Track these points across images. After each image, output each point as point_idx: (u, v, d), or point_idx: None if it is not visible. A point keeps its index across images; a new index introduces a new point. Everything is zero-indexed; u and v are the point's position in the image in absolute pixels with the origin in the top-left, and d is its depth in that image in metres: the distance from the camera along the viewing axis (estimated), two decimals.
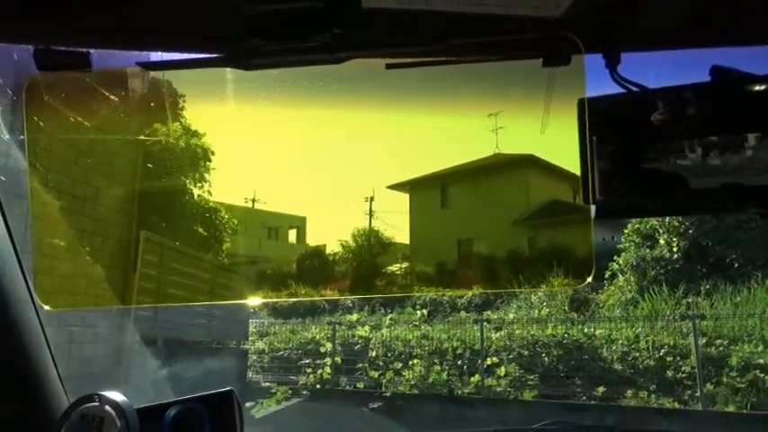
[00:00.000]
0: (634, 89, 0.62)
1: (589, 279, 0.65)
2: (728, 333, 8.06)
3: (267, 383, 9.48)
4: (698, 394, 7.25)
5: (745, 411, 6.78)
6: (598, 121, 0.62)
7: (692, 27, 0.66)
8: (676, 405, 7.24)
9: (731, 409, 6.83)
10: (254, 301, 17.69)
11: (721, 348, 7.78)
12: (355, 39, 0.61)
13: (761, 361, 7.22)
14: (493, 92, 0.65)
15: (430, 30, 0.66)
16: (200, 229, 13.19)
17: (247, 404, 8.28)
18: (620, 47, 0.64)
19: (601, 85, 0.63)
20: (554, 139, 0.71)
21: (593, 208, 0.67)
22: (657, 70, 0.67)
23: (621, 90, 0.62)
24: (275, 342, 11.27)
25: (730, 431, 6.39)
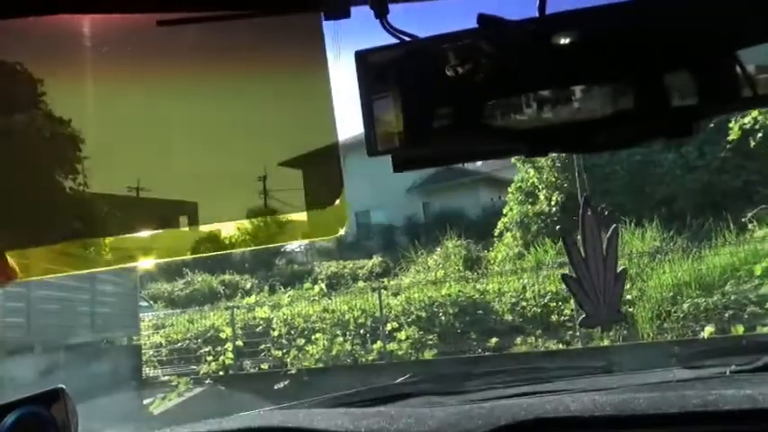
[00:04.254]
0: (408, 39, 0.63)
1: (341, 231, 0.66)
2: None
3: (166, 377, 9.12)
4: (578, 334, 7.93)
5: (617, 344, 7.53)
6: (375, 73, 0.63)
7: None
8: (560, 346, 7.88)
9: (605, 343, 7.55)
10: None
11: None
12: None
13: (628, 297, 8.00)
14: (277, 48, 0.63)
15: None
16: (78, 225, 12.22)
17: (145, 401, 7.94)
18: None
19: (381, 37, 0.64)
20: (343, 94, 0.70)
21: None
22: (428, 20, 0.69)
23: (396, 41, 0.63)
24: (172, 334, 10.82)
25: (605, 362, 7.04)
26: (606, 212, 11.68)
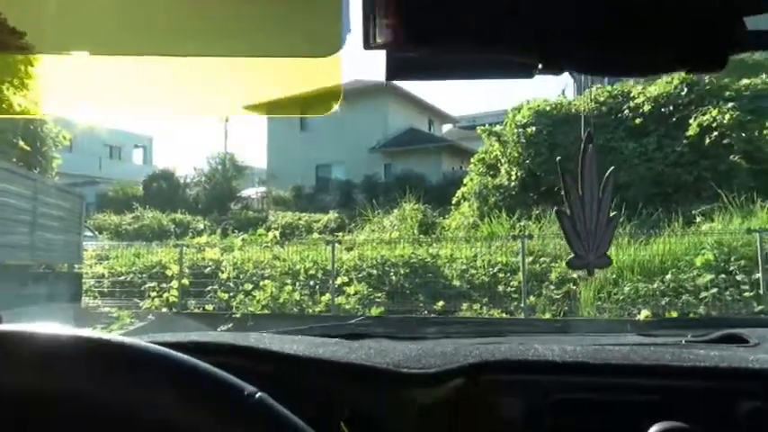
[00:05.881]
0: None
1: (335, 107, 0.59)
2: (551, 251, 9.05)
3: (107, 308, 8.91)
4: (522, 305, 8.15)
5: (558, 318, 7.77)
6: None
7: None
8: (503, 315, 8.09)
9: (547, 316, 7.79)
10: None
11: (544, 265, 8.75)
12: None
13: (575, 275, 8.25)
14: None
15: None
16: (22, 143, 11.62)
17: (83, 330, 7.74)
18: None
19: None
20: None
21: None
22: None
23: None
24: (116, 266, 10.55)
25: (561, 325, 7.27)
26: (562, 192, 11.92)
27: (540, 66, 0.59)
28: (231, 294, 8.91)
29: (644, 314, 7.32)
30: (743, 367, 0.74)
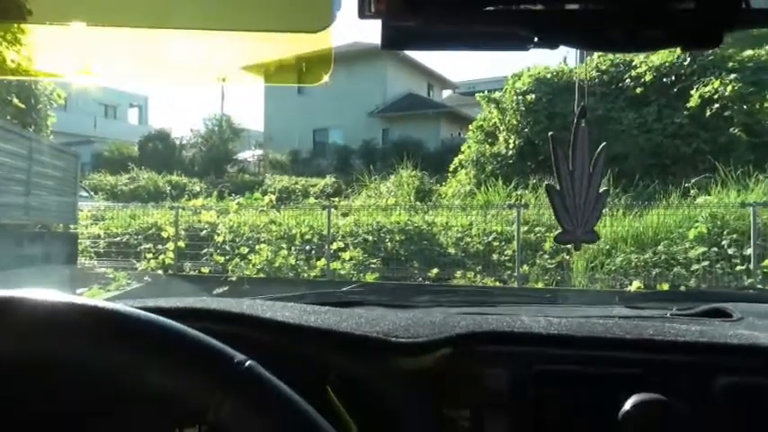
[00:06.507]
0: None
1: (325, 78, 0.59)
2: (546, 221, 9.09)
3: (103, 269, 8.96)
4: (515, 274, 8.23)
5: (550, 288, 7.86)
6: None
7: None
8: (497, 283, 8.17)
9: (540, 285, 7.87)
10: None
11: (539, 234, 8.80)
12: None
13: (568, 245, 8.29)
14: None
15: None
16: (16, 101, 11.46)
17: (79, 290, 7.81)
18: None
19: None
20: None
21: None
22: None
23: None
24: (112, 227, 10.57)
25: (549, 294, 7.35)
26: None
27: (535, 39, 0.58)
28: (227, 257, 8.96)
29: (635, 285, 7.41)
30: (722, 342, 0.75)
